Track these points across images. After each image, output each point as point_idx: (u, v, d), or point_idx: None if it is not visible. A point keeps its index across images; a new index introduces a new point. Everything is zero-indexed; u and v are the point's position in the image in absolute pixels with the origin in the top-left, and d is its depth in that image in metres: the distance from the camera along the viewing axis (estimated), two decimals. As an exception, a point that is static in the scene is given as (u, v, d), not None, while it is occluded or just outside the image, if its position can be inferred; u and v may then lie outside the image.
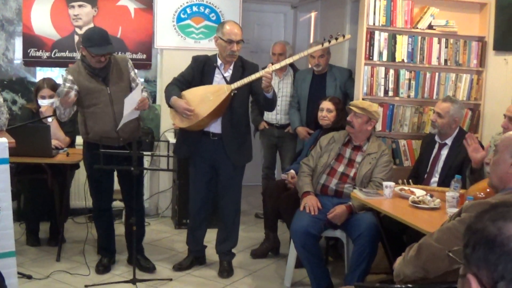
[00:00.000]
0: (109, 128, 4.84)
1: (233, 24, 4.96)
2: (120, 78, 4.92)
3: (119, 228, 5.51)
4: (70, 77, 4.82)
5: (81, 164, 5.54)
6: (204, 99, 4.83)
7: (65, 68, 5.06)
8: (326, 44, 4.76)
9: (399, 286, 3.15)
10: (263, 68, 4.80)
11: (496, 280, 1.38)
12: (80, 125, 4.99)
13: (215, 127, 5.01)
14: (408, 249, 2.87)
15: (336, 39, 4.67)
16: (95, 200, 5.19)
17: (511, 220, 1.40)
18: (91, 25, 6.39)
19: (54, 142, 5.39)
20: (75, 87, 4.79)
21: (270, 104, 4.98)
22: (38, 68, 6.84)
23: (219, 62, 5.01)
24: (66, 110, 4.80)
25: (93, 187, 5.13)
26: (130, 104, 4.74)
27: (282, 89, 6.58)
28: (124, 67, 4.96)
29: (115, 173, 5.17)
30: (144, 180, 5.56)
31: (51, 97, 5.41)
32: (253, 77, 4.78)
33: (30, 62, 6.57)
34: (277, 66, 4.81)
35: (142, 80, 5.18)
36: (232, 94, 4.85)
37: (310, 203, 4.73)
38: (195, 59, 5.10)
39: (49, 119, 5.30)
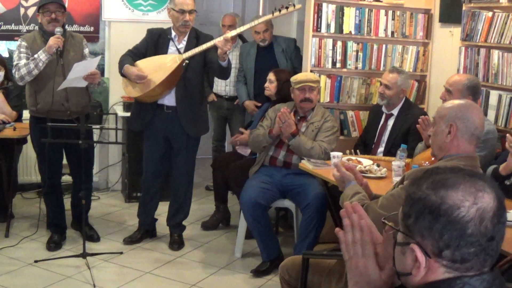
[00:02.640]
0: (58, 100, 4.77)
1: None
2: (74, 52, 4.93)
3: (67, 203, 5.41)
4: (24, 43, 4.83)
5: (29, 138, 5.48)
6: (156, 68, 4.83)
7: (19, 39, 4.96)
8: (276, 14, 4.77)
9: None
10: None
11: (442, 249, 1.41)
12: (29, 97, 4.92)
13: (169, 100, 5.01)
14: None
15: (287, 8, 4.70)
16: (45, 176, 5.09)
17: (451, 188, 1.42)
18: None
19: (0, 117, 5.30)
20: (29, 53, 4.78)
21: (225, 72, 5.00)
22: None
23: (173, 34, 5.02)
24: (38, 65, 4.69)
25: (42, 163, 5.04)
26: (79, 71, 4.67)
27: (232, 60, 6.54)
28: (79, 43, 5.02)
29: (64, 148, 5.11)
30: (94, 154, 5.49)
31: (-4, 70, 5.35)
32: (204, 46, 4.79)
33: (-26, 35, 6.39)
34: (233, 33, 4.85)
35: (89, 52, 5.14)
36: (184, 64, 4.84)
37: (281, 112, 4.71)
38: (150, 31, 5.11)
39: (-5, 93, 5.23)
